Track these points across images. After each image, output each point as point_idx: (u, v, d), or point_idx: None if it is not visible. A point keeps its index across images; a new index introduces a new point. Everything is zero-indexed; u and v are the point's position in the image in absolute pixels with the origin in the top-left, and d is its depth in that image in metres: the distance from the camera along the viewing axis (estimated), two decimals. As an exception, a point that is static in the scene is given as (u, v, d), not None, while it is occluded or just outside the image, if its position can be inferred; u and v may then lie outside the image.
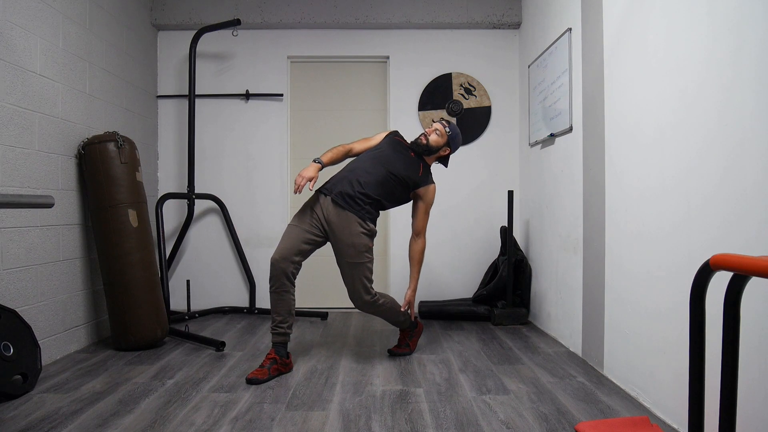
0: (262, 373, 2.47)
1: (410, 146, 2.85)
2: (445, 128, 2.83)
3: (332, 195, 2.66)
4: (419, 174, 2.77)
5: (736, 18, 1.65)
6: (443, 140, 2.82)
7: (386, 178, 2.69)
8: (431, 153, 2.83)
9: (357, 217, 2.62)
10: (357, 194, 2.63)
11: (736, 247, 1.63)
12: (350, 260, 2.64)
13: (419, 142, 2.82)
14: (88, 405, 2.16)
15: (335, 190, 2.66)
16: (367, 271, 2.67)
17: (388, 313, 2.83)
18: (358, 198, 2.63)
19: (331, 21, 4.14)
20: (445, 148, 2.85)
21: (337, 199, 2.63)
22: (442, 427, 1.96)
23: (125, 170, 3.01)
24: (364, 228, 2.64)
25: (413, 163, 2.79)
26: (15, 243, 2.56)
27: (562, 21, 3.19)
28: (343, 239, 2.62)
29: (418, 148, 2.82)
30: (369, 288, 2.69)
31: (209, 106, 4.25)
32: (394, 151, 2.79)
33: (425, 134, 2.82)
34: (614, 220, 2.48)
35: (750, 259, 1.12)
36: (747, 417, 1.58)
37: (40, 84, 2.76)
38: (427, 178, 2.81)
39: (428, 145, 2.80)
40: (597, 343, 2.65)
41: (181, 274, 4.21)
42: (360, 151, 2.85)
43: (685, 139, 1.91)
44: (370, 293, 2.70)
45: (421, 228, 2.83)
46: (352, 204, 2.63)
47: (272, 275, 2.56)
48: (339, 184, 2.68)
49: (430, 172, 2.87)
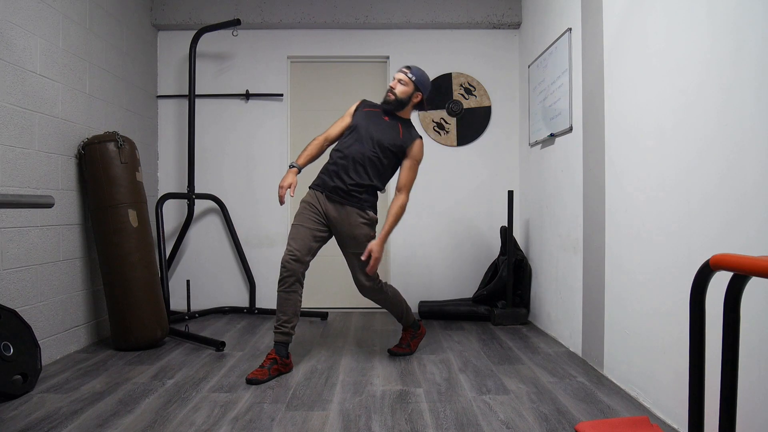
0: (262, 374, 2.47)
1: (382, 108, 2.76)
2: (407, 74, 2.70)
3: (326, 192, 2.67)
4: (400, 137, 2.70)
5: (735, 18, 1.65)
6: (410, 87, 2.70)
7: (372, 158, 2.65)
8: (404, 105, 2.72)
9: (356, 209, 2.65)
10: (350, 187, 2.64)
11: (736, 247, 1.63)
12: (353, 251, 2.69)
13: (388, 99, 2.71)
14: (88, 405, 2.16)
15: (328, 186, 2.67)
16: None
17: (391, 303, 2.87)
18: (353, 191, 2.64)
19: (331, 21, 4.14)
20: (416, 93, 2.73)
21: (332, 196, 2.65)
22: (442, 427, 1.96)
23: (125, 170, 3.01)
24: (365, 218, 2.67)
25: (391, 127, 2.70)
26: (15, 243, 2.56)
27: (562, 21, 3.19)
28: (345, 232, 2.66)
29: (389, 105, 2.71)
30: (372, 275, 2.74)
31: (209, 106, 4.25)
32: (370, 123, 2.71)
33: (391, 89, 2.71)
34: (614, 220, 2.48)
35: (750, 259, 1.12)
36: (747, 417, 1.58)
37: (40, 84, 2.76)
38: (410, 136, 2.72)
39: (398, 99, 2.70)
40: (597, 343, 2.65)
41: (181, 274, 4.21)
42: (337, 134, 2.78)
43: (685, 139, 1.91)
44: (373, 280, 2.75)
45: (403, 183, 2.72)
46: (348, 198, 2.64)
47: (283, 276, 2.57)
48: (329, 180, 2.68)
49: (411, 126, 2.78)
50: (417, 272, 4.24)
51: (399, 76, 2.72)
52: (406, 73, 2.71)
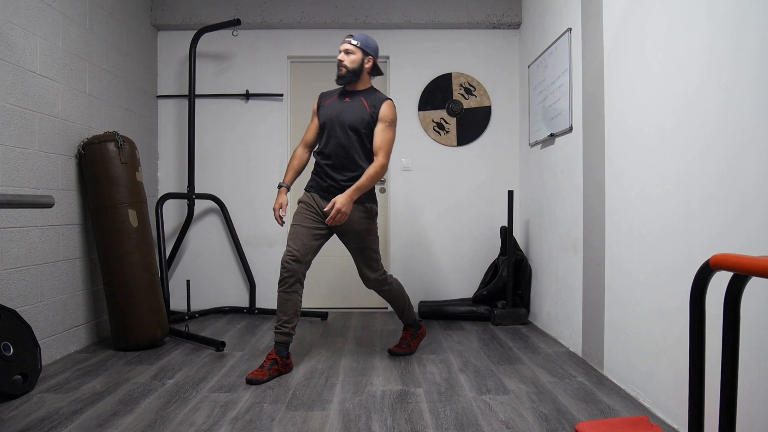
0: (262, 374, 2.47)
1: (341, 92, 2.73)
2: (351, 42, 2.64)
3: (320, 192, 2.68)
4: (368, 109, 2.63)
5: (735, 18, 1.65)
6: (358, 54, 2.64)
7: (352, 145, 2.62)
8: (358, 75, 2.66)
9: (355, 203, 2.63)
10: (343, 184, 2.64)
11: (736, 247, 1.63)
12: (356, 245, 2.70)
13: (341, 74, 2.65)
14: (88, 405, 2.16)
15: (321, 186, 2.68)
16: (373, 252, 2.74)
17: (395, 296, 2.88)
18: (347, 186, 2.62)
19: (331, 21, 4.14)
20: (366, 58, 2.66)
21: (328, 196, 2.66)
22: (442, 427, 1.96)
23: (125, 170, 3.01)
24: (364, 212, 2.67)
25: (355, 105, 2.65)
26: (15, 243, 2.56)
27: (562, 21, 3.19)
28: (346, 228, 2.67)
29: (344, 79, 2.66)
30: (375, 266, 2.76)
31: (209, 106, 4.25)
32: (335, 112, 2.68)
33: (339, 62, 2.64)
34: (614, 220, 2.48)
35: (750, 259, 1.12)
36: (747, 417, 1.58)
37: (40, 84, 2.76)
38: (376, 102, 2.65)
39: (350, 70, 2.63)
40: (597, 343, 2.65)
41: (181, 274, 4.21)
42: (313, 137, 2.78)
43: (685, 139, 1.92)
44: (378, 271, 2.77)
45: (378, 145, 2.62)
46: None
47: (283, 277, 2.56)
48: (322, 179, 2.68)
49: (375, 91, 2.71)
50: (417, 272, 4.24)
51: (344, 47, 2.64)
52: (350, 41, 2.64)
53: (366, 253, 2.72)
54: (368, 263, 2.74)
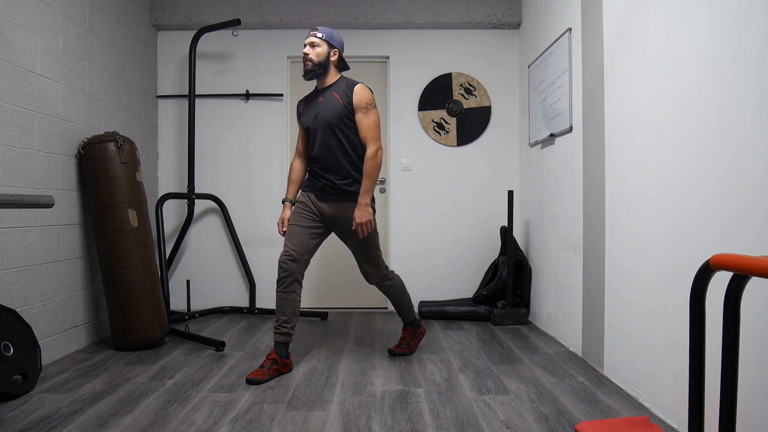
0: (262, 374, 2.47)
1: (313, 92, 2.71)
2: (315, 35, 2.61)
3: (316, 191, 2.69)
4: (340, 101, 2.58)
5: (735, 18, 1.65)
6: (324, 47, 2.60)
7: (336, 142, 2.60)
8: (326, 68, 2.63)
9: (352, 203, 2.65)
10: (339, 184, 2.63)
11: (736, 247, 1.63)
12: (356, 242, 2.70)
13: (308, 70, 2.60)
14: (88, 405, 2.16)
15: (317, 186, 2.68)
16: (373, 248, 2.74)
17: (396, 295, 2.88)
18: (343, 186, 2.63)
19: (331, 21, 4.13)
20: (332, 51, 2.63)
21: (324, 196, 2.66)
22: (442, 427, 1.96)
23: (125, 170, 3.01)
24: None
25: (329, 101, 2.61)
26: (15, 243, 2.56)
27: (562, 21, 3.19)
28: (345, 226, 2.68)
29: (312, 74, 2.61)
30: (377, 262, 2.77)
31: (209, 106, 4.25)
32: (312, 114, 2.65)
33: (305, 56, 2.60)
34: (614, 220, 2.48)
35: (750, 259, 1.12)
36: (747, 417, 1.58)
37: (40, 84, 2.76)
38: (346, 91, 2.59)
39: (316, 64, 2.60)
40: (597, 343, 2.65)
41: (181, 274, 4.21)
42: (304, 145, 2.76)
43: (685, 139, 1.91)
44: (379, 267, 2.77)
45: (365, 134, 2.58)
46: (341, 194, 2.65)
47: (281, 277, 2.56)
48: (317, 180, 2.68)
49: (344, 80, 2.65)
50: (417, 272, 4.24)
51: (309, 40, 2.61)
52: (315, 34, 2.61)
53: (367, 249, 2.72)
54: (369, 259, 2.74)
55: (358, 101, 2.57)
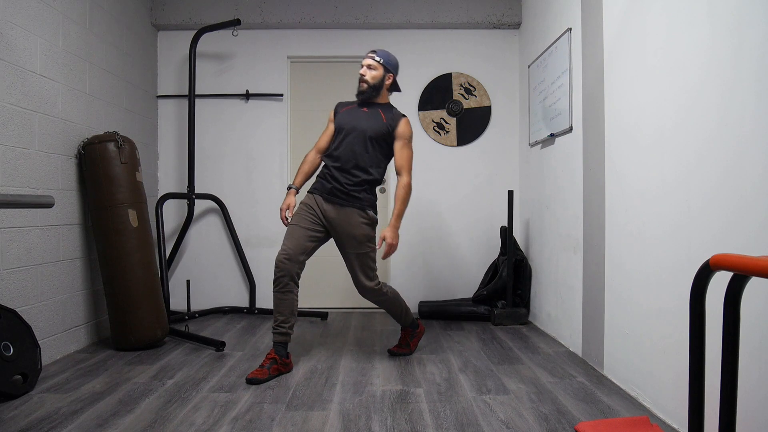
0: (262, 373, 2.47)
1: (359, 102, 2.77)
2: (374, 58, 2.70)
3: (324, 194, 2.68)
4: (384, 121, 2.68)
5: (736, 18, 1.65)
6: (380, 71, 2.70)
7: (364, 151, 2.65)
8: (378, 90, 2.72)
9: (356, 209, 2.65)
10: (348, 188, 2.64)
11: (736, 247, 1.63)
12: (353, 251, 2.68)
13: (362, 90, 2.70)
14: (88, 405, 2.16)
15: (326, 189, 2.68)
16: (370, 261, 2.71)
17: (391, 304, 2.85)
18: (352, 191, 2.64)
19: (331, 21, 4.14)
20: (387, 75, 2.72)
21: (331, 198, 2.65)
22: (442, 427, 1.96)
23: (125, 170, 3.01)
24: (365, 218, 2.67)
25: (372, 116, 2.70)
26: (15, 243, 2.56)
27: (562, 21, 3.19)
28: (345, 232, 2.66)
29: (365, 94, 2.71)
30: (372, 276, 2.73)
31: (209, 106, 4.25)
32: (351, 119, 2.71)
33: (361, 77, 2.70)
34: (614, 220, 2.48)
35: (750, 259, 1.12)
36: (747, 417, 1.58)
37: (40, 84, 2.76)
38: (393, 117, 2.71)
39: (371, 85, 2.69)
40: (597, 343, 2.65)
41: (181, 274, 4.21)
42: (327, 143, 2.79)
43: (685, 139, 1.91)
44: (373, 280, 2.74)
45: (400, 164, 2.70)
46: (348, 198, 2.64)
47: (277, 276, 2.57)
48: (327, 181, 2.69)
49: (392, 107, 2.77)
50: (417, 272, 4.24)
51: (367, 62, 2.70)
52: (373, 57, 2.70)
53: (364, 260, 2.69)
54: (365, 271, 2.71)
55: (402, 132, 2.70)
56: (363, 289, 2.75)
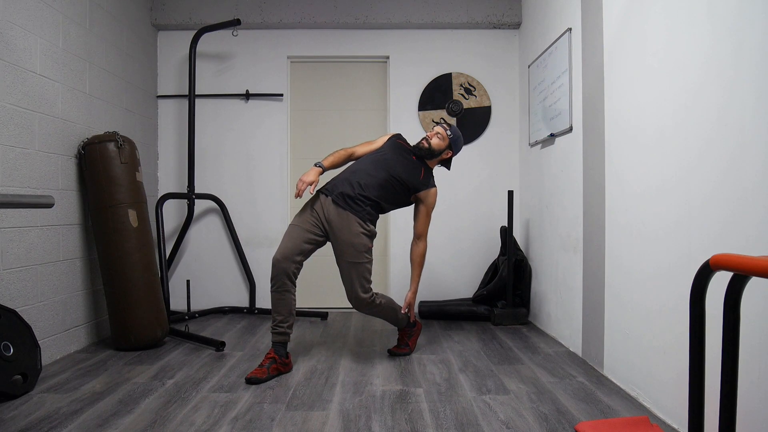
0: (262, 373, 2.47)
1: (412, 149, 2.86)
2: (446, 131, 2.85)
3: (333, 195, 2.68)
4: (420, 178, 2.78)
5: (735, 18, 1.65)
6: (445, 143, 2.85)
7: (387, 182, 2.71)
8: (433, 156, 2.85)
9: (357, 217, 2.64)
10: (357, 195, 2.65)
11: (736, 247, 1.63)
12: (350, 260, 2.65)
13: (421, 146, 2.83)
14: (88, 405, 2.16)
15: (336, 191, 2.68)
16: (366, 272, 2.69)
17: (386, 312, 2.85)
18: (359, 199, 2.65)
19: (331, 21, 4.14)
20: (447, 151, 2.87)
21: (337, 200, 2.65)
22: (442, 427, 1.96)
23: (125, 170, 3.01)
24: (364, 229, 2.66)
25: (415, 166, 2.80)
26: (15, 243, 2.56)
27: (562, 21, 3.19)
28: (343, 239, 2.64)
29: (420, 151, 2.83)
30: (367, 288, 2.71)
31: (209, 106, 4.25)
32: (396, 154, 2.80)
33: (427, 138, 2.83)
34: (614, 220, 2.48)
35: (750, 259, 1.12)
36: (747, 417, 1.58)
37: (40, 84, 2.76)
38: (428, 182, 2.82)
39: (431, 149, 2.82)
40: (597, 343, 2.65)
41: (181, 274, 4.21)
42: (362, 154, 2.86)
43: (685, 139, 1.92)
44: (368, 293, 2.71)
45: (421, 231, 2.85)
46: (352, 205, 2.64)
47: (274, 275, 2.57)
48: (340, 185, 2.70)
49: (432, 175, 2.88)
50: (417, 272, 4.24)
51: (438, 130, 2.85)
52: (446, 130, 2.86)
53: (360, 270, 2.65)
54: (361, 282, 2.67)
55: (429, 201, 2.83)
56: (358, 301, 2.71)
